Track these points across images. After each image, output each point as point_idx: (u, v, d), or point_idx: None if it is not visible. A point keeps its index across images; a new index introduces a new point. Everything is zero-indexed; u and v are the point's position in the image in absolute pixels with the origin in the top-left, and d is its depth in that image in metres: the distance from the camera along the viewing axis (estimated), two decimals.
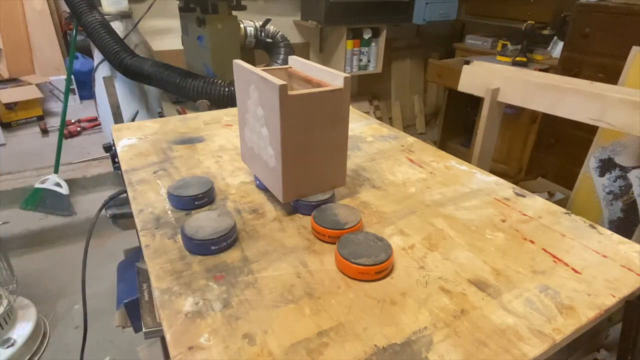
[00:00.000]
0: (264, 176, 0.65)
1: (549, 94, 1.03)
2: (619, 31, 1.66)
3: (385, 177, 0.75)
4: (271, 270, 0.51)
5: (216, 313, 0.44)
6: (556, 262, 0.53)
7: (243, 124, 0.67)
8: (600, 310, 0.46)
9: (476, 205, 0.66)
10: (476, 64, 1.24)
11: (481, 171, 0.77)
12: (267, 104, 0.56)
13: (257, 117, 0.61)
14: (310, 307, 0.45)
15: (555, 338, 0.42)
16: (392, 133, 0.95)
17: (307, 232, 0.59)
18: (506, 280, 0.50)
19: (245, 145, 0.69)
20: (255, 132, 0.63)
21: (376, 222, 0.61)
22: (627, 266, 0.53)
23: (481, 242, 0.57)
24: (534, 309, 0.46)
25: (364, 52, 2.64)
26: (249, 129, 0.65)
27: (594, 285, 0.49)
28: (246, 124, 0.66)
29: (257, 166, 0.67)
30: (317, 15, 2.40)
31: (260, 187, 0.70)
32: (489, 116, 1.15)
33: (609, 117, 0.94)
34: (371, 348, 0.41)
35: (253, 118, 0.62)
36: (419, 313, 0.45)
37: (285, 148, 0.56)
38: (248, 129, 0.66)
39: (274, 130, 0.56)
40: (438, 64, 2.42)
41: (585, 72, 1.79)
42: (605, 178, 1.42)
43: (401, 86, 3.19)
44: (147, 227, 0.59)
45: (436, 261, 0.53)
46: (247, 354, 0.40)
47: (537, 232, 0.59)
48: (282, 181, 0.59)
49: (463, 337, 0.42)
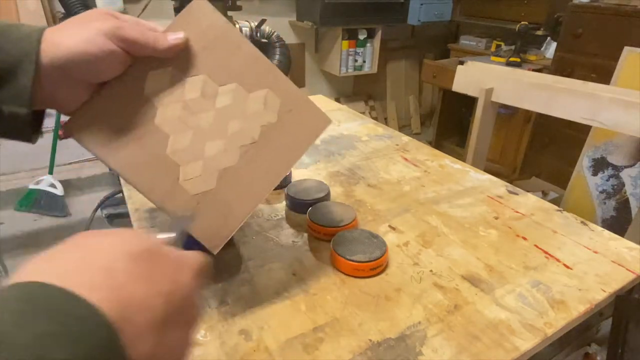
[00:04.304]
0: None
1: (542, 94, 1.04)
2: (611, 32, 1.68)
3: (380, 176, 0.75)
4: (267, 267, 0.52)
5: (212, 310, 0.45)
6: (548, 258, 0.54)
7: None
8: (591, 305, 0.46)
9: (470, 203, 0.67)
10: (470, 65, 1.25)
11: (475, 169, 0.78)
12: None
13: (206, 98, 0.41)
14: (305, 303, 0.46)
15: (546, 332, 0.43)
16: (387, 132, 0.96)
17: (303, 230, 0.59)
18: (499, 276, 0.51)
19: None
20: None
21: (371, 220, 0.62)
22: (617, 262, 0.53)
23: (474, 238, 0.58)
24: (526, 304, 0.46)
25: (359, 52, 2.65)
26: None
27: (584, 281, 0.50)
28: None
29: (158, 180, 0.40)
30: (313, 16, 2.40)
31: None
32: (483, 116, 1.16)
33: (601, 116, 0.95)
34: (366, 343, 0.41)
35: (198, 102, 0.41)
36: (413, 308, 0.45)
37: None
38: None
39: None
40: (433, 65, 2.43)
41: (578, 72, 1.81)
42: (599, 177, 1.44)
43: (396, 86, 3.21)
44: (143, 226, 0.59)
45: (430, 258, 0.54)
46: (243, 350, 0.40)
47: (529, 229, 0.60)
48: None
49: (456, 331, 0.43)
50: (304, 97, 0.45)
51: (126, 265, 0.21)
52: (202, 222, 0.39)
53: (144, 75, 0.39)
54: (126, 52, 0.36)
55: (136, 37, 0.35)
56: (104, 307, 0.19)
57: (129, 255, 0.22)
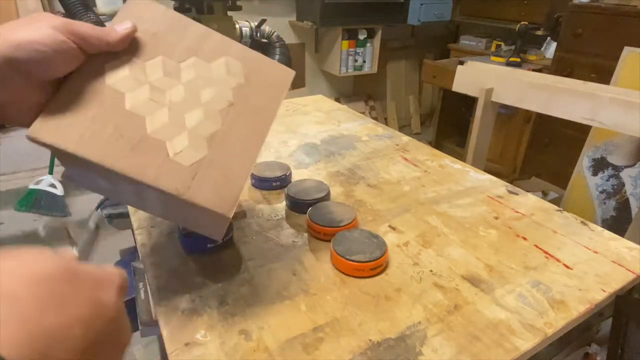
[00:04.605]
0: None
1: (542, 94, 1.04)
2: (611, 32, 1.68)
3: (380, 176, 0.75)
4: (267, 267, 0.52)
5: (212, 310, 0.45)
6: (548, 258, 0.54)
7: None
8: (591, 305, 0.46)
9: (470, 203, 0.67)
10: (470, 65, 1.25)
11: (475, 169, 0.78)
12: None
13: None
14: (305, 303, 0.46)
15: (546, 332, 0.43)
16: (387, 132, 0.96)
17: (303, 230, 0.59)
18: (499, 276, 0.51)
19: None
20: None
21: (371, 220, 0.62)
22: (617, 262, 0.53)
23: (474, 238, 0.58)
24: (526, 304, 0.46)
25: (359, 52, 2.65)
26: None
27: (584, 281, 0.50)
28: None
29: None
30: (313, 16, 2.40)
31: (256, 186, 0.70)
32: (483, 116, 1.16)
33: (601, 116, 0.95)
34: (366, 343, 0.41)
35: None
36: (413, 308, 0.45)
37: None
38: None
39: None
40: (433, 65, 2.43)
41: (578, 72, 1.81)
42: (599, 177, 1.44)
43: (396, 86, 3.21)
44: (143, 226, 0.59)
45: (430, 258, 0.54)
46: (243, 349, 0.40)
47: (529, 229, 0.60)
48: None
49: (456, 331, 0.43)
50: (262, 57, 0.45)
51: (32, 290, 0.18)
52: (206, 190, 0.38)
53: (101, 69, 0.38)
54: (78, 47, 0.35)
55: (87, 31, 0.34)
56: (10, 348, 0.15)
57: (35, 277, 0.19)
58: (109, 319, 0.21)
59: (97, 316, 0.20)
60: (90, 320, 0.20)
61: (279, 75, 0.46)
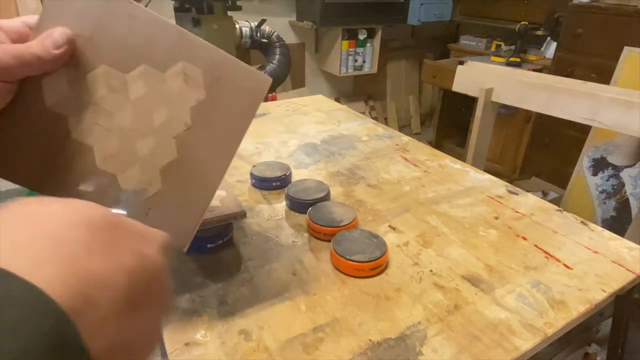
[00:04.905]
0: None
1: (542, 94, 1.04)
2: (611, 32, 1.68)
3: (380, 176, 0.75)
4: (267, 267, 0.52)
5: (212, 310, 0.45)
6: (548, 258, 0.54)
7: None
8: (591, 305, 0.46)
9: (470, 203, 0.67)
10: (470, 65, 1.25)
11: (475, 169, 0.78)
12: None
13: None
14: (305, 303, 0.46)
15: (546, 332, 0.43)
16: (387, 132, 0.96)
17: (303, 230, 0.59)
18: (499, 276, 0.51)
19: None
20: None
21: (371, 220, 0.62)
22: (617, 262, 0.53)
23: (474, 238, 0.58)
24: (526, 304, 0.46)
25: (359, 52, 2.65)
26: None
27: (584, 281, 0.50)
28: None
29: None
30: (313, 16, 2.40)
31: (256, 186, 0.70)
32: (483, 116, 1.17)
33: (601, 116, 0.95)
34: (366, 343, 0.41)
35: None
36: (413, 308, 0.45)
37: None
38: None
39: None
40: (433, 65, 2.44)
41: (578, 72, 1.81)
42: (599, 177, 1.44)
43: (396, 86, 3.21)
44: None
45: (430, 258, 0.54)
46: (243, 349, 0.40)
47: (529, 229, 0.60)
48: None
49: (456, 331, 0.43)
50: (231, 59, 0.37)
51: (81, 234, 0.18)
52: (161, 226, 0.34)
53: (38, 86, 0.33)
54: (7, 82, 0.30)
55: (9, 64, 0.29)
56: (55, 287, 0.15)
57: (84, 223, 0.18)
58: (152, 274, 0.21)
59: (141, 268, 0.20)
60: (135, 272, 0.19)
61: (249, 83, 0.37)
